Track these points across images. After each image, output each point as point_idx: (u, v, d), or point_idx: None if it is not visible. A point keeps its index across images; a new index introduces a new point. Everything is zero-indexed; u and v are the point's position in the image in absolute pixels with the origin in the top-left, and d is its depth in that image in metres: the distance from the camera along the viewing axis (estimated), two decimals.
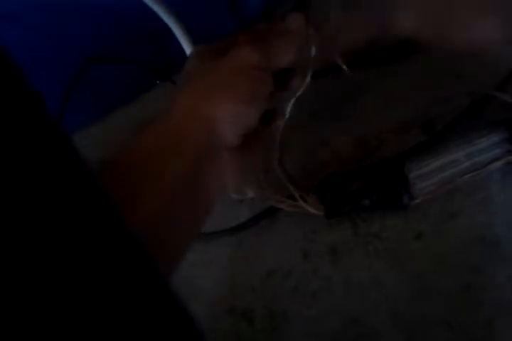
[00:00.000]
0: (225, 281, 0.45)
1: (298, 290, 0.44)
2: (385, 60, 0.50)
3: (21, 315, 0.14)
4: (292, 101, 0.41)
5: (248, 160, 0.37)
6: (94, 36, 0.51)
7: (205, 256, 0.46)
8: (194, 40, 0.44)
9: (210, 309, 0.43)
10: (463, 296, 0.42)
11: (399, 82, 0.50)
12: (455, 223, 0.44)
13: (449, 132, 0.47)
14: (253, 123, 0.35)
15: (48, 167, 0.16)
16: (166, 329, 0.20)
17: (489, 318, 0.41)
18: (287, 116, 0.42)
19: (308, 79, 0.40)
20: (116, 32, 0.50)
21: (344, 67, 0.44)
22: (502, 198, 0.44)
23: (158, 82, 0.53)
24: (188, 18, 0.45)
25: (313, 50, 0.39)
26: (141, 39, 0.51)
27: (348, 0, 0.48)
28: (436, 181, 0.44)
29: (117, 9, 0.49)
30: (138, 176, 0.31)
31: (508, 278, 0.41)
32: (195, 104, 0.34)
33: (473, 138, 0.45)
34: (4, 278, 0.14)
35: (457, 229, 0.44)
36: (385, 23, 0.43)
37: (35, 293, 0.15)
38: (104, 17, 0.49)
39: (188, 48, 0.42)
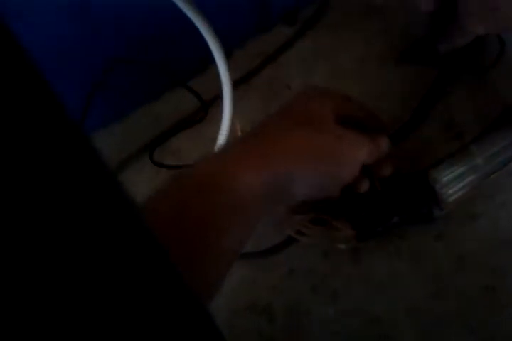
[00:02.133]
0: (246, 279, 0.45)
1: (318, 289, 0.44)
2: None
3: (32, 314, 0.14)
4: None
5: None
6: (119, 35, 0.51)
7: None
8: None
9: (231, 306, 0.44)
10: (483, 297, 0.42)
11: None
12: (476, 225, 0.44)
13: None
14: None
15: (67, 167, 0.16)
16: (184, 326, 0.20)
17: (509, 320, 0.41)
18: None
19: None
20: (141, 31, 0.51)
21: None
22: None
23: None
24: (213, 20, 0.45)
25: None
26: (165, 39, 0.52)
27: None
28: (461, 188, 0.43)
29: (143, 9, 0.49)
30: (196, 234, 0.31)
31: None
32: (289, 163, 0.34)
33: (488, 141, 0.44)
34: (17, 280, 0.14)
35: (478, 230, 0.44)
36: None
37: (55, 294, 0.15)
38: (131, 16, 0.50)
39: (214, 48, 0.43)
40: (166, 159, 0.52)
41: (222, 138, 0.50)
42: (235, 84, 0.49)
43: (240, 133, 0.49)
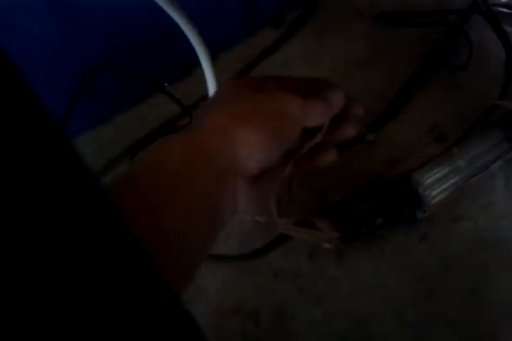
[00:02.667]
0: (231, 281, 0.45)
1: (304, 291, 0.44)
2: None
3: (29, 315, 0.14)
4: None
5: (261, 191, 0.38)
6: (104, 37, 0.51)
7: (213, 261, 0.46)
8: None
9: (217, 308, 0.44)
10: (468, 299, 0.42)
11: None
12: (460, 226, 0.45)
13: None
14: (274, 161, 0.36)
15: (48, 169, 0.16)
16: (166, 329, 0.20)
17: (494, 321, 0.41)
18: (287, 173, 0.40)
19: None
20: (127, 34, 0.50)
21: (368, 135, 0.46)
22: (506, 202, 0.45)
23: (166, 84, 0.53)
24: (198, 23, 0.45)
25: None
26: (151, 42, 0.52)
27: None
28: (443, 190, 0.44)
29: (128, 12, 0.49)
30: (165, 186, 0.31)
31: None
32: (231, 125, 0.34)
33: (471, 144, 0.45)
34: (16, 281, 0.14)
35: (462, 232, 0.44)
36: None
37: (43, 295, 0.15)
38: (116, 19, 0.50)
39: (200, 51, 0.43)
40: None
41: None
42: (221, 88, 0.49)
43: None
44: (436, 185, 0.44)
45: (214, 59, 0.48)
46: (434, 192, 0.44)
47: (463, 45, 0.52)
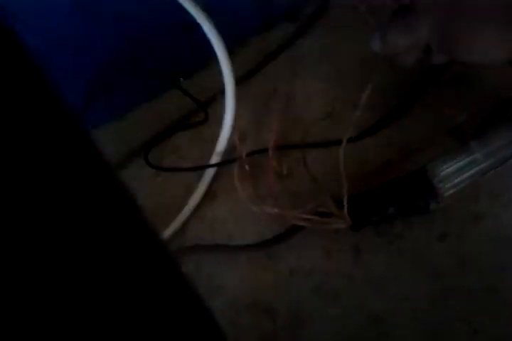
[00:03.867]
0: (246, 278, 0.45)
1: (320, 289, 0.44)
2: None
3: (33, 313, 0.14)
4: None
5: None
6: (119, 32, 0.51)
7: (229, 255, 0.46)
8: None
9: (232, 305, 0.43)
10: (487, 298, 0.42)
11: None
12: (480, 224, 0.44)
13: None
14: None
15: (68, 161, 0.16)
16: (186, 326, 0.20)
17: None
18: None
19: None
20: (142, 29, 0.50)
21: None
22: None
23: (181, 79, 0.53)
24: (214, 16, 0.45)
25: None
26: (168, 37, 0.51)
27: None
28: (459, 182, 0.44)
29: (145, 7, 0.49)
30: None
31: None
32: None
33: (489, 137, 0.44)
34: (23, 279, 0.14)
35: (482, 230, 0.44)
36: None
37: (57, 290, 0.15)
38: (132, 14, 0.50)
39: (217, 45, 0.43)
40: (165, 158, 0.52)
41: (224, 137, 0.50)
42: (236, 82, 0.49)
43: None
44: (451, 177, 0.43)
45: (230, 53, 0.48)
46: (449, 184, 0.43)
47: None
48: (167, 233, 0.47)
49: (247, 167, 0.48)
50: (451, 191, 0.44)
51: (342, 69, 0.53)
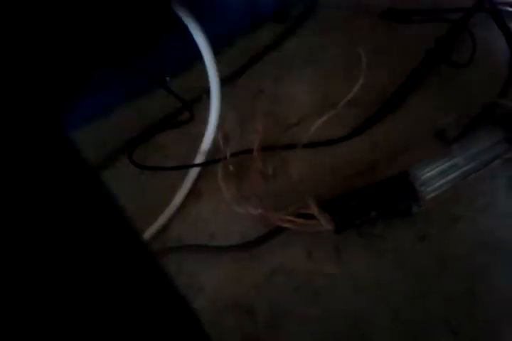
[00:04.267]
0: (228, 278, 0.45)
1: (301, 289, 0.44)
2: None
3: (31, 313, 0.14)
4: None
5: None
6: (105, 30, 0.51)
7: (211, 255, 0.46)
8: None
9: (213, 305, 0.44)
10: (465, 299, 0.42)
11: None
12: (459, 226, 0.44)
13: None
14: None
15: (46, 160, 0.16)
16: (168, 324, 0.20)
17: (492, 322, 0.41)
18: None
19: None
20: (128, 28, 0.50)
21: None
22: (506, 203, 0.45)
23: (168, 78, 0.53)
24: (201, 17, 0.45)
25: None
26: (153, 36, 0.51)
27: None
28: (441, 186, 0.44)
29: (131, 5, 0.49)
30: None
31: (511, 282, 0.42)
32: None
33: (470, 142, 0.45)
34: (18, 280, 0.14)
35: (461, 232, 0.44)
36: None
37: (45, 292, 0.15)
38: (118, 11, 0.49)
39: (202, 45, 0.43)
40: (150, 157, 0.52)
41: (208, 137, 0.50)
42: (222, 83, 0.49)
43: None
44: (433, 180, 0.44)
45: (217, 53, 0.48)
46: (431, 188, 0.44)
47: (466, 42, 0.52)
48: (150, 232, 0.47)
49: (231, 167, 0.48)
50: (432, 194, 0.44)
51: (328, 70, 0.54)
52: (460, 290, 0.43)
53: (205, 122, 0.50)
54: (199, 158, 0.50)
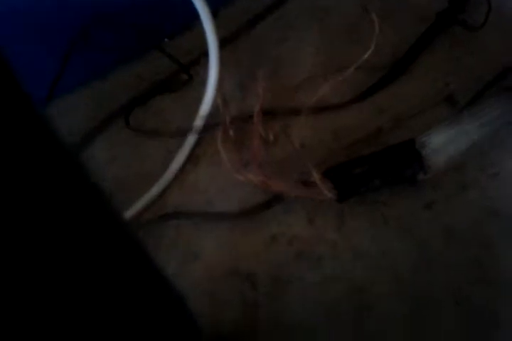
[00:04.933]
0: (227, 245, 0.44)
1: (302, 255, 0.43)
2: None
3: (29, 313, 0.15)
4: None
5: None
6: None
7: (210, 222, 0.45)
8: None
9: (211, 271, 0.43)
10: (470, 270, 0.41)
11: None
12: (467, 195, 0.43)
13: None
14: None
15: (35, 161, 0.16)
16: (164, 320, 0.20)
17: (496, 294, 0.40)
18: None
19: None
20: None
21: None
22: None
23: (166, 39, 0.51)
24: None
25: None
26: None
27: None
28: (448, 154, 0.43)
29: None
30: None
31: None
32: None
33: (481, 109, 0.44)
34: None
35: (469, 200, 0.43)
36: None
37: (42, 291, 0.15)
38: None
39: (200, 6, 0.41)
40: (148, 120, 0.50)
41: (207, 100, 0.48)
42: (222, 45, 0.47)
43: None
44: (441, 148, 0.43)
45: (215, 15, 0.46)
46: (438, 156, 0.43)
47: (481, 5, 0.50)
48: (147, 198, 0.46)
49: (231, 132, 0.46)
50: (439, 162, 0.43)
51: (333, 31, 0.52)
52: (466, 261, 0.41)
53: (204, 86, 0.48)
54: (198, 123, 0.48)
